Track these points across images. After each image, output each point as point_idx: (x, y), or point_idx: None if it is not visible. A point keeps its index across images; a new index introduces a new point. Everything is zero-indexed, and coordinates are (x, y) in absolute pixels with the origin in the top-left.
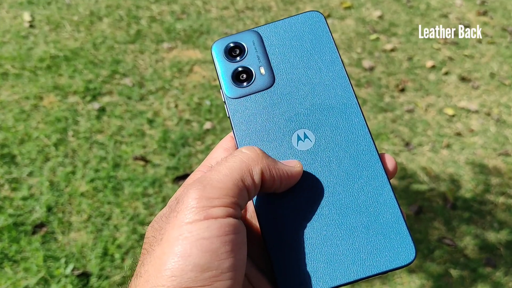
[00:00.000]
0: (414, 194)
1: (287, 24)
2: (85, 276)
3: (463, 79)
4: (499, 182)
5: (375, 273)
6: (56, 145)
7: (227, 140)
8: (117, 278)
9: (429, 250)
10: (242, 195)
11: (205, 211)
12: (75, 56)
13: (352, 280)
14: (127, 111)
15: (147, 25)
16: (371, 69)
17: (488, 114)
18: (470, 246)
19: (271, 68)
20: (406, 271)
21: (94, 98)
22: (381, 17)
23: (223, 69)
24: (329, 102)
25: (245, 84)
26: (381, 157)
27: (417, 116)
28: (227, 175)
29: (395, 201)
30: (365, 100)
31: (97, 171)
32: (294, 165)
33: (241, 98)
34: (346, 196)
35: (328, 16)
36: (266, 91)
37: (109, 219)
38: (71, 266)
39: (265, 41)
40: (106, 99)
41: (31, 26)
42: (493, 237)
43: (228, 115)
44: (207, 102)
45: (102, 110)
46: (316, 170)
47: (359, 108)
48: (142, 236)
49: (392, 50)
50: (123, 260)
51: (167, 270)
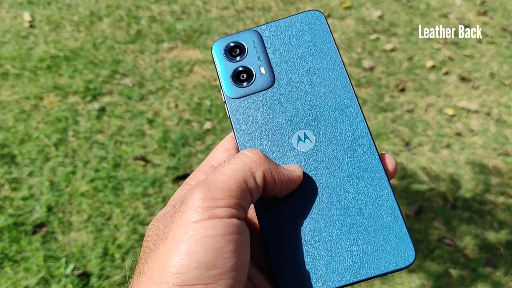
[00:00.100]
0: (414, 194)
1: (288, 24)
2: (85, 276)
3: (463, 79)
4: (499, 182)
5: (374, 275)
6: (56, 145)
7: (227, 140)
8: (117, 278)
9: (429, 250)
10: (245, 197)
11: (210, 211)
12: (75, 56)
13: (351, 281)
14: (127, 111)
15: (147, 25)
16: (371, 69)
17: (488, 114)
18: (470, 246)
19: (271, 68)
20: (406, 271)
21: (94, 98)
22: (381, 17)
23: (223, 69)
24: (329, 103)
25: (245, 84)
26: (381, 158)
27: (417, 116)
28: (230, 177)
29: (395, 203)
30: (365, 100)
31: (97, 171)
32: (294, 170)
33: (242, 98)
34: (346, 197)
35: (328, 16)
36: (266, 91)
37: (109, 219)
38: (71, 266)
39: (265, 41)
40: (106, 99)
41: (31, 26)
42: (493, 237)
43: (228, 115)
44: (207, 102)
45: (102, 110)
46: (316, 171)
47: (359, 109)
48: (142, 236)
49: (392, 50)
50: (123, 260)
51: (172, 267)
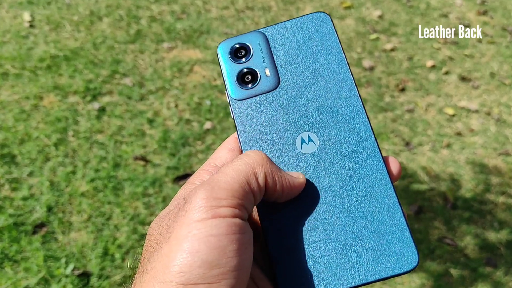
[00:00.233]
0: (414, 193)
1: (293, 25)
2: (85, 276)
3: (463, 78)
4: (499, 181)
5: (377, 278)
6: (56, 145)
7: (231, 141)
8: (117, 278)
9: (429, 250)
10: (248, 197)
11: (213, 210)
12: (75, 56)
13: (353, 285)
14: (127, 111)
15: (147, 25)
16: (371, 68)
17: (488, 114)
18: (470, 246)
19: (276, 69)
20: None
21: (94, 98)
22: (381, 16)
23: (228, 70)
24: (334, 105)
25: (250, 85)
26: (386, 161)
27: (417, 116)
28: (233, 177)
29: (399, 206)
30: (366, 100)
31: (97, 171)
32: (297, 176)
33: (246, 100)
34: (349, 200)
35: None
36: (271, 93)
37: (109, 219)
38: (71, 266)
39: (270, 42)
40: (106, 99)
41: (31, 26)
42: (493, 236)
43: (232, 117)
44: (207, 102)
45: (102, 110)
46: (320, 174)
47: (364, 111)
48: (142, 236)
49: (392, 50)
50: (123, 260)
51: (175, 266)
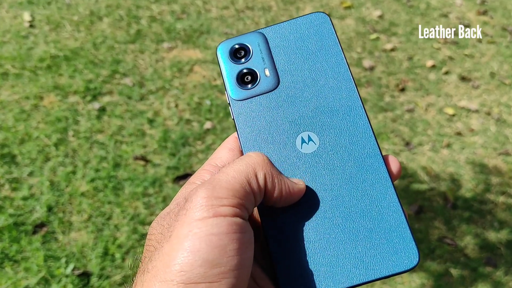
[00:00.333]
0: (414, 193)
1: (293, 26)
2: (85, 276)
3: (463, 78)
4: (499, 181)
5: (377, 277)
6: (56, 145)
7: (231, 140)
8: (117, 278)
9: (429, 250)
10: (248, 198)
11: (214, 209)
12: (75, 56)
13: (354, 284)
14: (128, 111)
15: (147, 25)
16: (371, 68)
17: (488, 114)
18: (470, 246)
19: (276, 70)
20: None
21: (95, 98)
22: (381, 16)
23: (228, 70)
24: (333, 105)
25: (249, 86)
26: (386, 160)
27: (417, 116)
28: (234, 177)
29: (399, 205)
30: (366, 100)
31: (97, 171)
32: (297, 182)
33: (246, 100)
34: (350, 199)
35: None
36: (270, 93)
37: (109, 219)
38: (71, 266)
39: (270, 43)
40: (106, 99)
41: (31, 26)
42: (493, 236)
43: (232, 117)
44: (207, 102)
45: (102, 110)
46: (320, 173)
47: (364, 111)
48: (142, 235)
49: (392, 50)
50: (123, 259)
51: (176, 265)
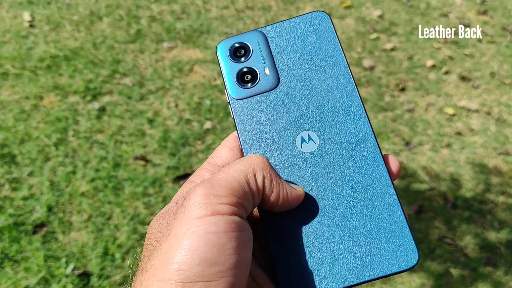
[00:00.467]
0: (414, 193)
1: (293, 24)
2: (85, 275)
3: (463, 78)
4: (499, 181)
5: (377, 276)
6: (56, 145)
7: (231, 139)
8: (117, 277)
9: (429, 250)
10: (247, 197)
11: (212, 207)
12: (75, 55)
13: (354, 283)
14: (127, 111)
15: (147, 24)
16: (371, 68)
17: (489, 113)
18: (470, 246)
19: (276, 69)
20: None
21: (94, 97)
22: (381, 16)
23: (228, 69)
24: (333, 104)
25: (249, 85)
26: (385, 159)
27: (417, 116)
28: (233, 176)
29: (399, 204)
30: (366, 100)
31: (97, 170)
32: (296, 188)
33: (246, 99)
34: (350, 198)
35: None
36: (270, 92)
37: (109, 218)
38: (71, 266)
39: (270, 42)
40: (106, 98)
41: (31, 26)
42: (493, 236)
43: (232, 116)
44: (207, 102)
45: (102, 109)
46: (320, 172)
47: (363, 110)
48: (142, 235)
49: (392, 50)
50: (123, 259)
51: (174, 263)
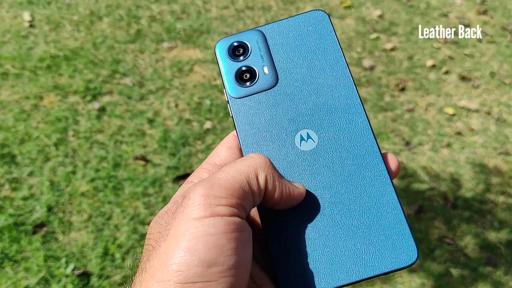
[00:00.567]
0: (414, 193)
1: (291, 23)
2: (85, 275)
3: (463, 78)
4: (499, 181)
5: (377, 274)
6: (56, 145)
7: (230, 139)
8: (117, 277)
9: (429, 250)
10: (247, 198)
11: (211, 208)
12: (75, 55)
13: (354, 280)
14: (127, 111)
15: (147, 24)
16: (371, 68)
17: (489, 113)
18: (470, 245)
19: (275, 67)
20: (407, 270)
21: (94, 97)
22: (381, 16)
23: (226, 68)
24: (332, 102)
25: (248, 83)
26: (384, 157)
27: (417, 115)
28: (234, 176)
29: (398, 202)
30: (366, 100)
31: (97, 170)
32: (298, 186)
33: (244, 98)
34: (348, 196)
35: (328, 15)
36: (269, 90)
37: (109, 218)
38: (71, 266)
39: (268, 41)
40: (106, 98)
41: (31, 26)
42: (493, 236)
43: (231, 115)
44: (207, 102)
45: (102, 109)
46: (319, 171)
47: (362, 109)
48: (142, 235)
49: (392, 50)
50: (123, 259)
51: (173, 264)
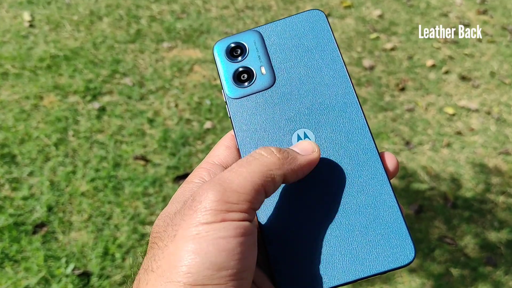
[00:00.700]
0: (414, 193)
1: (288, 23)
2: (85, 275)
3: (463, 78)
4: (499, 181)
5: (374, 273)
6: (56, 144)
7: (228, 138)
8: (117, 277)
9: (429, 249)
10: (259, 199)
11: (223, 214)
12: (75, 55)
13: (351, 280)
14: (127, 111)
15: (147, 24)
16: (371, 68)
17: (488, 113)
18: (470, 245)
19: (272, 67)
20: (407, 270)
21: (94, 97)
22: (381, 16)
23: (224, 69)
24: (329, 102)
25: (246, 84)
26: (382, 156)
27: (417, 115)
28: (247, 179)
29: (395, 201)
30: (365, 99)
31: (97, 170)
32: (312, 151)
33: (242, 98)
34: (346, 196)
35: (328, 15)
36: (266, 91)
37: (109, 218)
38: (71, 266)
39: (266, 41)
40: (106, 98)
41: (31, 26)
42: (493, 236)
43: (229, 115)
44: (207, 102)
45: (102, 109)
46: (316, 170)
47: (359, 108)
48: (142, 235)
49: (392, 49)
50: (123, 259)
51: (183, 266)
